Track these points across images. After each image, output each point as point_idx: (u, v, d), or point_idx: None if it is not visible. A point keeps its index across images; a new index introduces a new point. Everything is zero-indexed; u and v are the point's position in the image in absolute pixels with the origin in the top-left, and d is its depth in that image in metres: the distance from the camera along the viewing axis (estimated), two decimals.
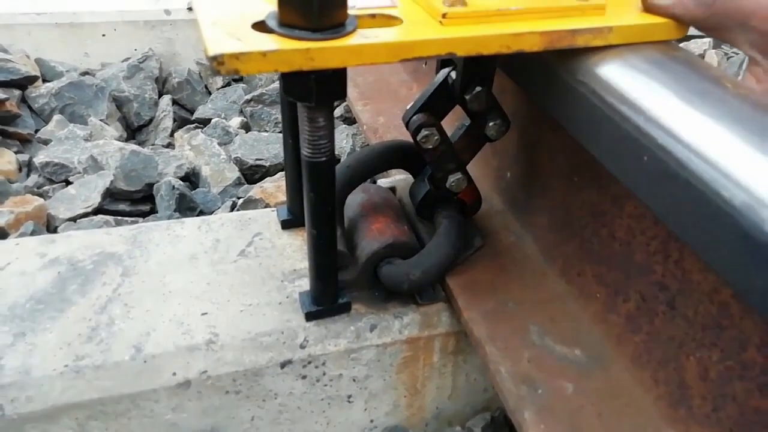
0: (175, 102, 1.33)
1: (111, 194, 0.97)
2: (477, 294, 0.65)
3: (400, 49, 0.44)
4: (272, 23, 0.43)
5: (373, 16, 0.48)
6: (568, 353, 0.58)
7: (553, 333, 0.60)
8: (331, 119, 0.50)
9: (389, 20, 0.48)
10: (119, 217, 0.94)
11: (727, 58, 1.52)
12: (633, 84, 0.46)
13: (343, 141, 1.09)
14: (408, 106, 0.66)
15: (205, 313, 0.63)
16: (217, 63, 0.40)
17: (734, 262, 0.36)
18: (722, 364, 0.45)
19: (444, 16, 0.46)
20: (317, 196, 0.54)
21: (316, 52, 0.42)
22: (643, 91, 0.44)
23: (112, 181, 0.96)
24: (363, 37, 0.44)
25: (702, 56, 1.52)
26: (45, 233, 0.87)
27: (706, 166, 0.38)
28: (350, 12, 0.46)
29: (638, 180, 0.43)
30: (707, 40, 1.57)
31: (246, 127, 1.25)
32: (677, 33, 0.51)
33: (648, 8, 0.52)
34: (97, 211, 0.94)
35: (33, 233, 0.83)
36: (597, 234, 0.58)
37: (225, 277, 0.68)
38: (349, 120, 1.19)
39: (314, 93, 0.46)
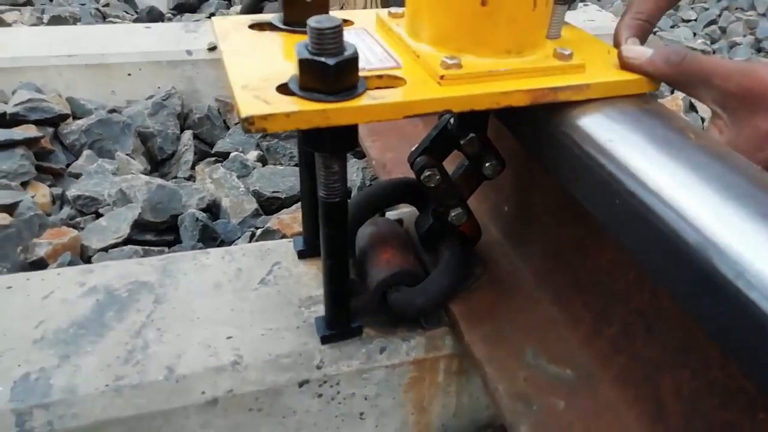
0: (195, 136, 1.41)
1: (138, 225, 1.04)
2: (477, 319, 0.71)
3: (402, 108, 0.51)
4: (294, 87, 0.50)
5: (380, 77, 0.55)
6: (560, 372, 0.64)
7: (546, 354, 0.66)
8: (344, 166, 0.57)
9: (394, 80, 0.55)
10: (147, 247, 1.01)
11: None
12: (607, 134, 0.52)
13: (354, 174, 1.16)
14: (413, 148, 0.73)
15: (230, 337, 0.70)
16: (248, 123, 0.47)
17: (688, 293, 0.42)
18: (693, 383, 0.51)
19: (442, 77, 0.53)
20: (332, 231, 0.61)
21: (332, 112, 0.49)
22: (616, 142, 0.51)
23: (140, 213, 1.04)
24: (372, 98, 0.51)
25: None
26: (80, 262, 0.94)
27: (666, 209, 0.44)
28: (361, 74, 0.53)
29: (612, 220, 0.50)
30: None
31: (263, 161, 1.33)
32: (650, 87, 0.58)
33: (623, 65, 0.59)
34: (126, 241, 1.01)
35: (70, 263, 0.90)
36: (583, 265, 0.64)
37: (247, 304, 0.74)
38: (360, 154, 1.26)
39: (329, 145, 0.53)
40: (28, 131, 1.22)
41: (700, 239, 0.41)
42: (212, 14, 2.16)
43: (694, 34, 2.56)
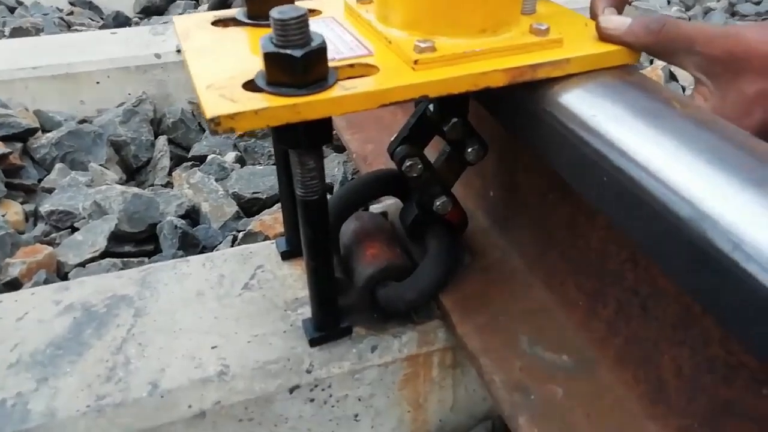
0: (171, 141, 1.37)
1: (116, 237, 1.01)
2: (469, 309, 0.69)
3: (377, 97, 0.49)
4: (261, 82, 0.48)
5: (352, 65, 0.53)
6: (556, 359, 0.62)
7: (541, 341, 0.64)
8: (319, 161, 0.54)
9: (367, 69, 0.53)
10: (125, 259, 0.98)
11: None
12: (590, 110, 0.50)
13: (335, 169, 1.14)
14: (392, 138, 0.71)
15: (215, 347, 0.67)
16: (214, 124, 0.44)
17: (684, 269, 0.40)
18: (692, 360, 0.49)
19: (416, 62, 0.51)
20: (312, 230, 0.58)
21: (303, 106, 0.47)
22: (600, 117, 0.49)
23: (116, 225, 1.01)
24: (343, 88, 0.48)
25: None
26: (56, 280, 0.91)
27: (656, 183, 0.43)
28: (331, 64, 0.51)
29: (601, 198, 0.48)
30: None
31: (241, 162, 1.30)
32: (630, 58, 0.56)
33: (602, 37, 0.57)
34: (104, 254, 0.98)
35: (46, 281, 0.87)
36: (574, 246, 0.63)
37: (231, 311, 0.72)
38: (340, 148, 1.24)
39: (303, 140, 0.51)
40: None
41: (692, 212, 0.40)
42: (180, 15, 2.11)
43: (668, 2, 2.55)
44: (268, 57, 0.46)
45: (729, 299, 0.37)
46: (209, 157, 1.25)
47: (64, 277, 0.94)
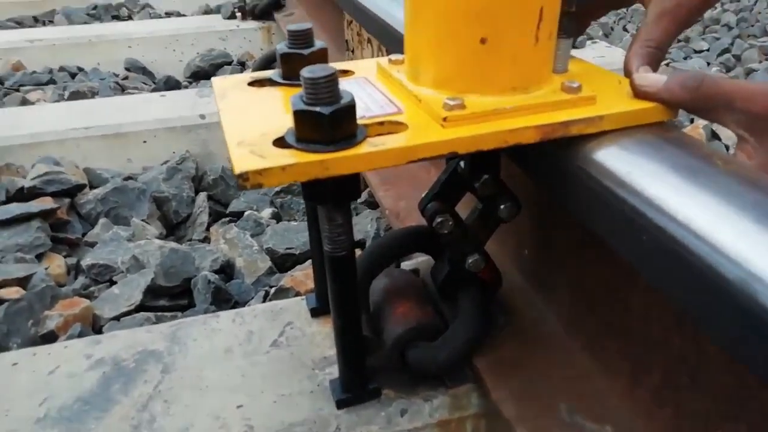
0: (210, 198, 1.41)
1: (152, 291, 1.03)
2: (504, 373, 0.66)
3: (405, 154, 0.49)
4: (290, 139, 0.48)
5: (381, 123, 0.53)
6: (599, 430, 0.58)
7: (582, 410, 0.60)
8: (347, 217, 0.54)
9: (396, 126, 0.53)
10: (159, 313, 0.99)
11: None
12: (627, 167, 0.49)
13: (368, 225, 1.14)
14: (423, 195, 0.70)
15: (241, 406, 0.65)
16: (242, 180, 0.45)
17: (735, 336, 0.37)
18: None
19: (445, 119, 0.51)
20: (340, 287, 0.57)
21: (331, 162, 0.47)
22: (637, 174, 0.47)
23: (153, 279, 1.02)
24: (372, 145, 0.48)
25: None
26: (91, 333, 0.92)
27: (699, 242, 0.40)
28: (360, 122, 0.51)
29: (640, 259, 0.45)
30: None
31: (277, 218, 1.31)
32: (667, 115, 0.55)
33: (637, 94, 0.56)
34: (139, 308, 0.99)
35: (81, 334, 0.88)
36: (613, 309, 0.60)
37: (259, 368, 0.70)
38: (373, 204, 1.24)
39: (330, 196, 0.51)
40: (45, 203, 1.23)
41: (741, 274, 0.37)
42: None
43: (708, 64, 2.54)
44: (298, 114, 0.47)
45: None
46: (246, 213, 1.28)
47: (98, 330, 0.95)
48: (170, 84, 2.17)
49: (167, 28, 2.41)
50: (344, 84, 0.62)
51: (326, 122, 0.46)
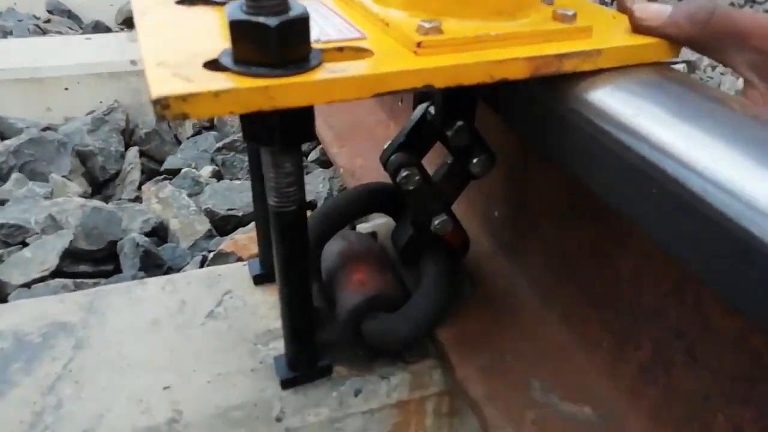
0: (143, 154, 1.27)
1: (71, 255, 0.90)
2: (471, 347, 0.59)
3: (372, 83, 0.39)
4: (226, 61, 0.38)
5: (340, 49, 0.43)
6: (576, 411, 0.52)
7: (557, 388, 0.54)
8: (299, 163, 0.45)
9: (358, 53, 0.43)
10: (79, 280, 0.87)
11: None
12: (632, 109, 0.41)
13: (320, 185, 1.04)
14: (385, 146, 0.61)
15: (168, 387, 0.56)
16: (161, 107, 0.35)
17: (761, 302, 0.30)
18: (759, 423, 0.39)
19: (419, 45, 0.42)
20: (288, 249, 0.48)
21: (277, 89, 0.37)
22: (645, 116, 0.40)
23: (72, 241, 0.89)
24: (330, 71, 0.39)
25: None
26: None
27: (727, 197, 0.33)
28: (315, 46, 0.41)
29: (648, 216, 0.38)
30: None
31: (218, 176, 1.20)
32: (671, 53, 0.48)
33: (637, 29, 0.48)
34: (55, 274, 0.87)
35: None
36: (599, 276, 0.53)
37: (191, 344, 0.61)
38: (326, 163, 1.14)
39: (278, 136, 0.41)
40: None
41: None
42: None
43: None
44: (236, 27, 0.37)
45: None
46: (183, 171, 1.15)
47: (4, 299, 0.82)
48: (99, 30, 1.98)
49: None
50: None
51: (272, 37, 0.36)
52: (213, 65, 0.39)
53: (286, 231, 0.47)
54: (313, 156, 1.18)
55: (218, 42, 0.42)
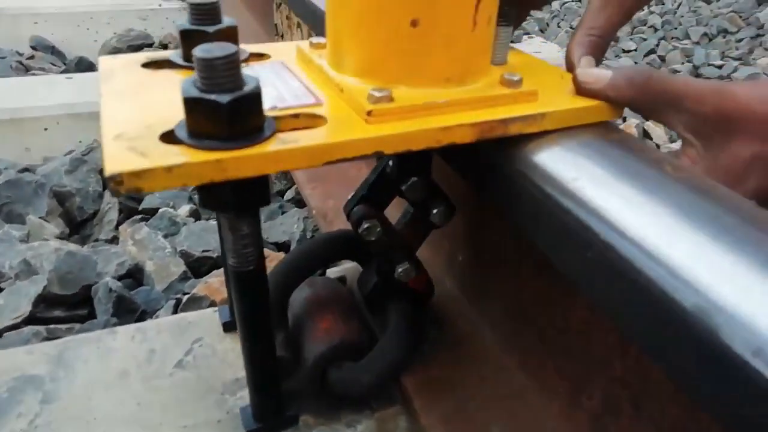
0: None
1: (45, 300, 0.90)
2: (434, 393, 0.60)
3: (322, 152, 0.41)
4: (181, 133, 0.40)
5: (296, 116, 0.45)
6: None
7: None
8: (256, 226, 0.46)
9: (313, 120, 0.45)
10: (53, 326, 0.87)
11: None
12: (571, 172, 0.43)
13: (294, 226, 1.05)
14: (349, 196, 0.63)
15: None
16: (115, 183, 0.36)
17: (689, 372, 0.32)
18: None
19: (369, 113, 0.44)
20: (247, 307, 0.49)
21: (230, 162, 0.39)
22: (583, 180, 0.42)
23: (45, 286, 0.90)
24: (282, 142, 0.41)
25: None
26: None
27: (653, 264, 0.35)
28: (270, 113, 0.43)
29: (584, 277, 0.40)
30: None
31: (196, 215, 1.20)
32: (612, 114, 0.50)
33: (581, 91, 0.51)
34: (28, 321, 0.87)
35: None
36: (552, 324, 0.55)
37: (159, 395, 0.61)
38: (301, 203, 1.16)
39: (232, 203, 0.42)
40: None
41: (700, 302, 0.32)
42: None
43: (636, 64, 2.61)
44: (189, 103, 0.38)
45: (748, 416, 0.30)
46: (160, 211, 1.16)
47: None
48: (83, 66, 1.99)
49: (80, 4, 2.20)
50: (257, 69, 0.54)
51: (224, 113, 0.38)
52: (168, 137, 0.40)
53: (245, 290, 0.48)
54: (289, 195, 1.20)
55: (177, 111, 0.44)
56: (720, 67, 2.57)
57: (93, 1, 2.23)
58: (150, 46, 2.15)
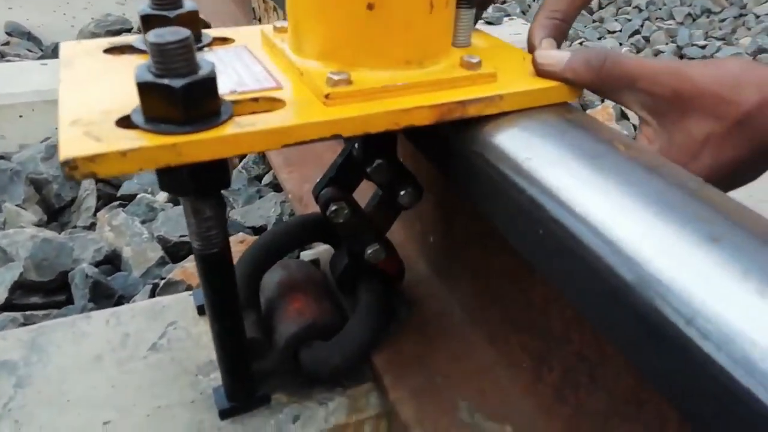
0: (99, 179, 1.27)
1: (21, 287, 0.90)
2: (404, 370, 0.62)
3: (279, 136, 0.42)
4: (137, 118, 0.40)
5: (255, 99, 0.46)
6: (498, 430, 0.55)
7: (482, 408, 0.57)
8: (218, 208, 0.47)
9: (272, 103, 0.46)
10: (29, 312, 0.87)
11: None
12: (525, 152, 0.44)
13: (271, 210, 1.06)
14: (317, 180, 0.64)
15: (108, 422, 0.57)
16: (69, 168, 0.37)
17: (631, 342, 0.34)
18: None
19: (327, 96, 0.44)
20: (214, 289, 0.50)
21: (185, 146, 0.39)
22: (535, 160, 0.43)
23: (21, 273, 0.90)
24: (238, 125, 0.41)
25: None
26: None
27: (597, 240, 0.36)
28: (229, 97, 0.44)
29: (536, 254, 0.41)
30: None
31: (174, 201, 1.20)
32: (570, 95, 0.51)
33: (540, 73, 0.51)
34: (4, 307, 0.87)
35: None
36: (516, 301, 0.56)
37: (132, 377, 0.62)
38: (278, 187, 1.16)
39: (191, 186, 0.43)
40: None
41: (639, 276, 0.33)
42: None
43: (620, 44, 2.62)
44: (143, 88, 0.39)
45: (681, 382, 0.31)
46: (138, 196, 1.16)
47: None
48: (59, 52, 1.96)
49: None
50: (219, 53, 0.54)
51: (178, 97, 0.38)
52: (125, 122, 0.41)
53: (210, 272, 0.49)
54: (266, 180, 1.20)
55: (135, 96, 0.44)
56: (703, 47, 2.59)
57: None
58: (128, 31, 2.12)
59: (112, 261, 1.00)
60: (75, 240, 0.99)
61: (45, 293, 0.92)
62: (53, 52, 1.97)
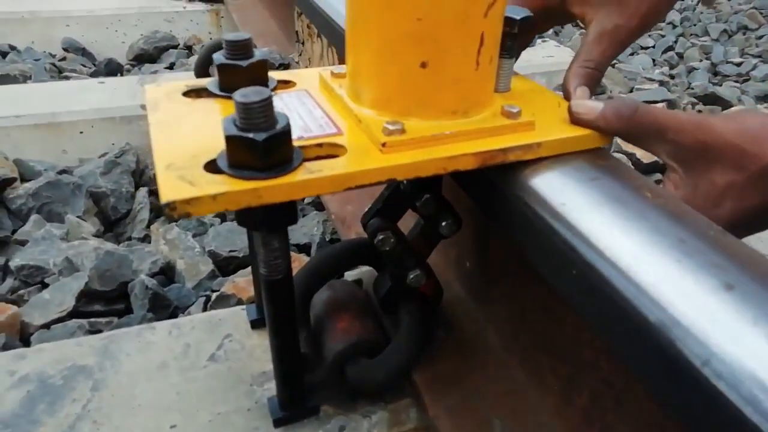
0: (152, 193, 1.36)
1: (86, 295, 0.98)
2: (442, 388, 0.67)
3: (342, 181, 0.48)
4: (222, 164, 0.47)
5: (320, 145, 0.52)
6: None
7: (515, 427, 0.62)
8: (284, 240, 0.53)
9: (334, 149, 0.52)
10: (94, 319, 0.95)
11: None
12: (559, 197, 0.49)
13: (314, 228, 1.12)
14: (367, 209, 0.69)
15: (174, 426, 0.64)
16: (169, 209, 0.43)
17: (653, 378, 0.38)
18: None
19: (383, 145, 0.50)
20: (276, 310, 0.56)
21: (264, 190, 0.45)
22: (569, 206, 0.48)
23: (87, 283, 0.98)
24: (308, 171, 0.47)
25: None
26: (17, 343, 0.88)
27: (626, 282, 0.41)
28: (297, 143, 0.50)
29: (569, 292, 0.46)
30: None
31: (222, 216, 1.28)
32: (603, 142, 0.56)
33: (574, 121, 0.56)
34: (71, 314, 0.95)
35: (5, 347, 0.83)
36: (548, 328, 0.61)
37: (194, 385, 0.69)
38: (321, 206, 1.22)
39: (265, 223, 0.49)
40: None
41: (661, 317, 0.38)
42: (172, 64, 2.13)
43: (654, 61, 2.62)
44: (230, 140, 0.45)
45: (698, 417, 0.35)
46: None
47: (26, 339, 0.90)
48: (111, 67, 2.08)
49: (108, 6, 2.29)
50: (284, 97, 0.61)
51: (259, 149, 0.45)
52: (211, 167, 0.47)
53: (274, 295, 0.55)
54: (308, 199, 1.26)
55: (216, 140, 0.51)
56: (739, 64, 2.57)
57: (121, 3, 2.32)
58: (175, 47, 2.23)
59: (166, 273, 1.08)
60: (134, 252, 1.06)
61: (106, 302, 1.00)
62: (106, 67, 2.09)
